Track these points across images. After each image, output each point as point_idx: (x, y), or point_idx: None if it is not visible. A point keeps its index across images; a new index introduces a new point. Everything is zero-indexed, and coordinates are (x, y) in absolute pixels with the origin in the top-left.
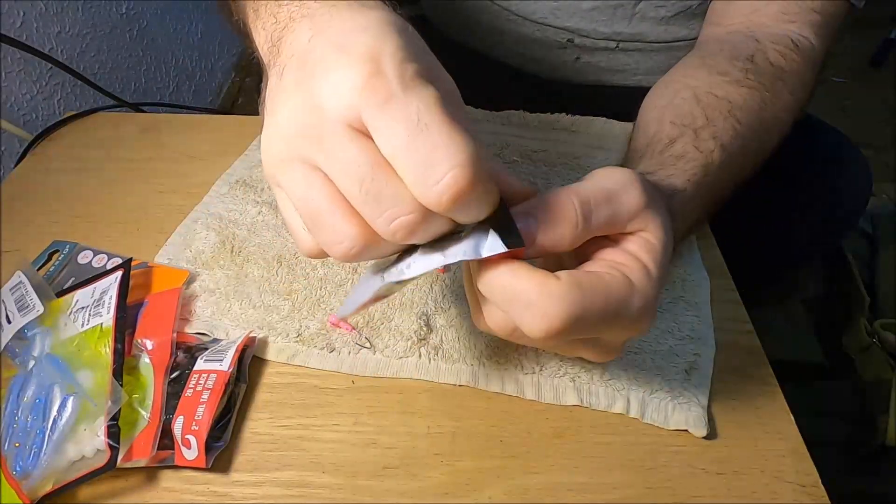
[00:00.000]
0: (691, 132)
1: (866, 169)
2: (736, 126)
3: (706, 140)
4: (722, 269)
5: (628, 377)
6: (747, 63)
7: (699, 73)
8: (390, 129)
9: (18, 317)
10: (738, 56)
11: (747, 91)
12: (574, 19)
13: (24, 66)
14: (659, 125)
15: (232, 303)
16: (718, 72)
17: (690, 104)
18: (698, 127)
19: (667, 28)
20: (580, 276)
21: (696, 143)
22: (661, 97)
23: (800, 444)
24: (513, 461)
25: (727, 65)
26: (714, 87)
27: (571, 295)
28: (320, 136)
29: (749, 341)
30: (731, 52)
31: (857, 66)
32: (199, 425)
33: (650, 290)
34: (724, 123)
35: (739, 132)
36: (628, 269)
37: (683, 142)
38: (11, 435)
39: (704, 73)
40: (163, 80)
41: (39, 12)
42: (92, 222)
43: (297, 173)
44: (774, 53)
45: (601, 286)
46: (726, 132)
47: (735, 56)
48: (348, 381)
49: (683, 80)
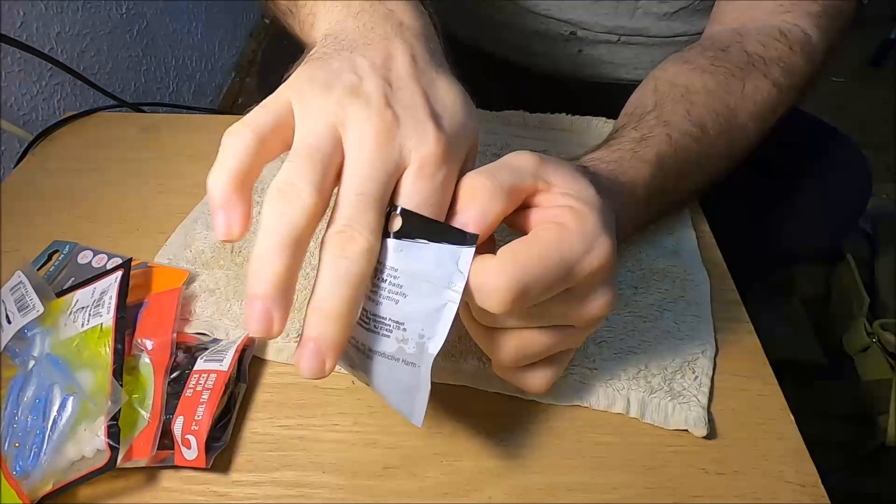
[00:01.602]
0: (636, 118)
1: (866, 169)
2: (687, 107)
3: (648, 121)
4: (722, 269)
5: (628, 377)
6: (718, 52)
7: (668, 65)
8: None
9: (18, 317)
10: (710, 47)
11: (709, 76)
12: (577, 12)
13: (24, 66)
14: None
15: (232, 303)
16: (685, 61)
17: (648, 95)
18: (645, 112)
19: (668, 24)
20: (511, 244)
21: (634, 126)
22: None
23: (800, 444)
24: (513, 461)
25: (696, 55)
26: (676, 77)
27: (507, 262)
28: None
29: (749, 341)
30: (710, 45)
31: (857, 66)
32: (199, 425)
33: (588, 228)
34: (672, 106)
35: (692, 112)
36: (556, 217)
37: (625, 130)
38: (11, 435)
39: (671, 64)
40: (163, 80)
41: (39, 12)
42: (92, 222)
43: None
44: (754, 44)
45: (534, 242)
46: (674, 113)
47: (707, 47)
48: (348, 380)
49: (653, 75)
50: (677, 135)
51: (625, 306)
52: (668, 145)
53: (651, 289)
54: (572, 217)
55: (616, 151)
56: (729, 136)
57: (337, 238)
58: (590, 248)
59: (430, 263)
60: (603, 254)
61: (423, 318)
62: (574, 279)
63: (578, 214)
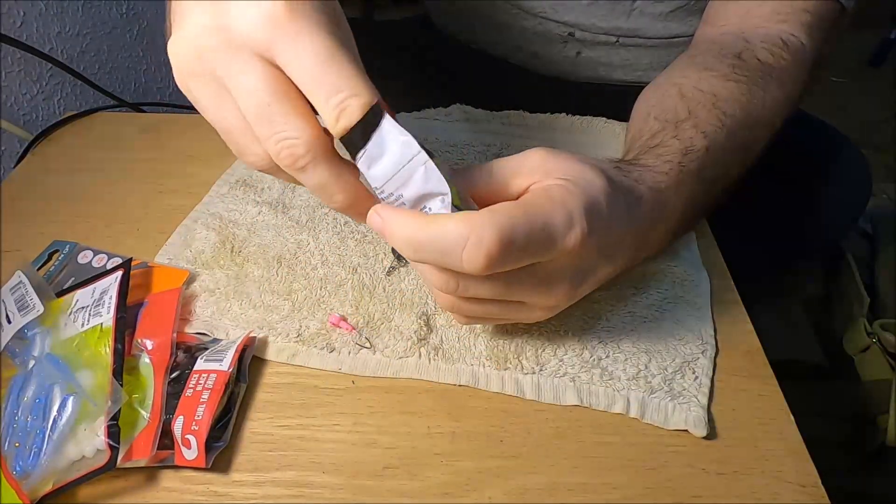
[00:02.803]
0: (672, 126)
1: (866, 169)
2: (721, 117)
3: (686, 130)
4: (722, 269)
5: (628, 377)
6: (735, 59)
7: (687, 71)
8: (300, 62)
9: (18, 317)
10: (726, 53)
11: (734, 85)
12: (573, 14)
13: (24, 66)
14: (644, 123)
15: (232, 303)
16: (705, 68)
17: (675, 100)
18: (680, 120)
19: (665, 24)
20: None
21: (675, 134)
22: (649, 98)
23: (800, 444)
24: (513, 461)
25: (715, 61)
26: (700, 83)
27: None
28: (228, 58)
29: (749, 341)
30: (720, 51)
31: (857, 66)
32: (199, 425)
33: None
34: (706, 115)
35: (725, 123)
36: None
37: (663, 134)
38: (11, 435)
39: (692, 70)
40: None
41: (39, 12)
42: (92, 222)
43: (209, 89)
44: (763, 52)
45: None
46: (709, 123)
47: (723, 53)
48: (348, 381)
49: (671, 80)
50: (714, 147)
51: (625, 306)
52: (707, 159)
53: (651, 289)
54: (559, 191)
55: (666, 163)
56: (749, 147)
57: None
58: (571, 225)
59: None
60: (579, 236)
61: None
62: (549, 252)
63: (566, 190)
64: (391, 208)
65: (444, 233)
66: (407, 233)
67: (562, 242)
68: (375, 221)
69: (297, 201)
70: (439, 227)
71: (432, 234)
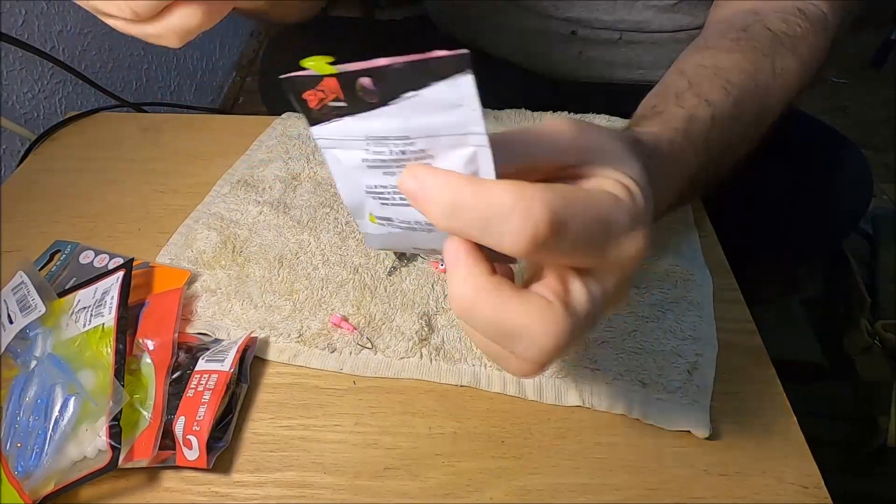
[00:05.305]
0: (673, 96)
1: (866, 169)
2: (725, 86)
3: (689, 98)
4: (724, 269)
5: (630, 378)
6: (739, 33)
7: (687, 54)
8: None
9: (20, 317)
10: (730, 29)
11: (739, 55)
12: (576, 9)
13: (25, 65)
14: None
15: (233, 303)
16: (707, 46)
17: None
18: (680, 91)
19: (671, 16)
20: (558, 185)
21: (677, 103)
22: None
23: (803, 445)
24: (514, 462)
25: (716, 39)
26: (702, 60)
27: (552, 193)
28: None
29: (751, 341)
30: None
31: (857, 66)
32: (201, 426)
33: (639, 211)
34: (709, 84)
35: (730, 92)
36: (609, 186)
37: (664, 105)
38: (13, 435)
39: (693, 51)
40: (164, 79)
41: (41, 11)
42: (94, 222)
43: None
44: (776, 21)
45: (583, 194)
46: (713, 91)
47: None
48: (349, 381)
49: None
50: (720, 115)
51: (626, 306)
52: (713, 126)
53: (653, 289)
54: (625, 194)
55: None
56: (760, 118)
57: None
58: (633, 230)
59: (434, 113)
60: (641, 244)
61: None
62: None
63: (632, 195)
64: (430, 167)
65: (490, 196)
66: (446, 191)
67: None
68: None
69: (299, 201)
70: (486, 189)
71: (477, 195)
